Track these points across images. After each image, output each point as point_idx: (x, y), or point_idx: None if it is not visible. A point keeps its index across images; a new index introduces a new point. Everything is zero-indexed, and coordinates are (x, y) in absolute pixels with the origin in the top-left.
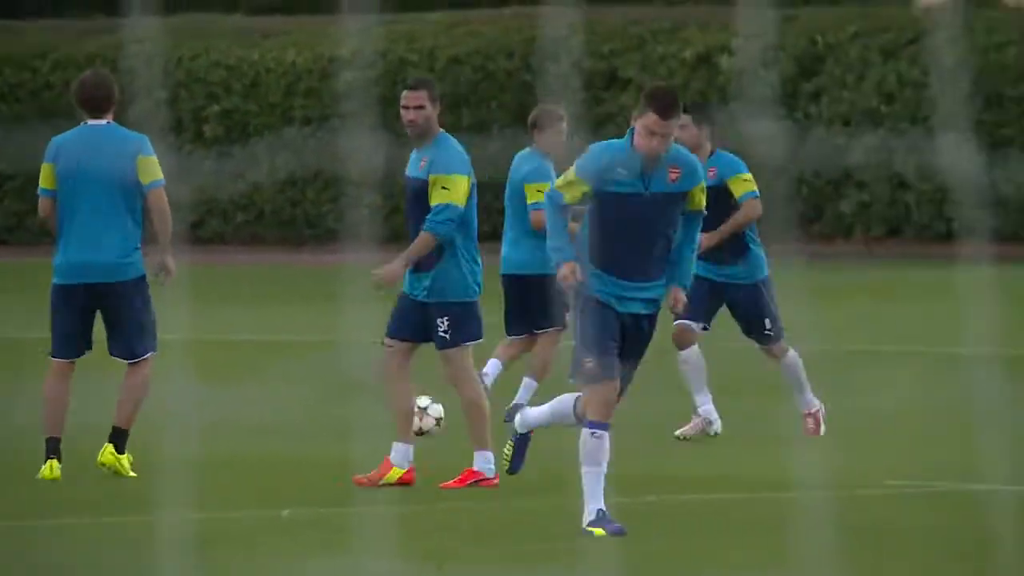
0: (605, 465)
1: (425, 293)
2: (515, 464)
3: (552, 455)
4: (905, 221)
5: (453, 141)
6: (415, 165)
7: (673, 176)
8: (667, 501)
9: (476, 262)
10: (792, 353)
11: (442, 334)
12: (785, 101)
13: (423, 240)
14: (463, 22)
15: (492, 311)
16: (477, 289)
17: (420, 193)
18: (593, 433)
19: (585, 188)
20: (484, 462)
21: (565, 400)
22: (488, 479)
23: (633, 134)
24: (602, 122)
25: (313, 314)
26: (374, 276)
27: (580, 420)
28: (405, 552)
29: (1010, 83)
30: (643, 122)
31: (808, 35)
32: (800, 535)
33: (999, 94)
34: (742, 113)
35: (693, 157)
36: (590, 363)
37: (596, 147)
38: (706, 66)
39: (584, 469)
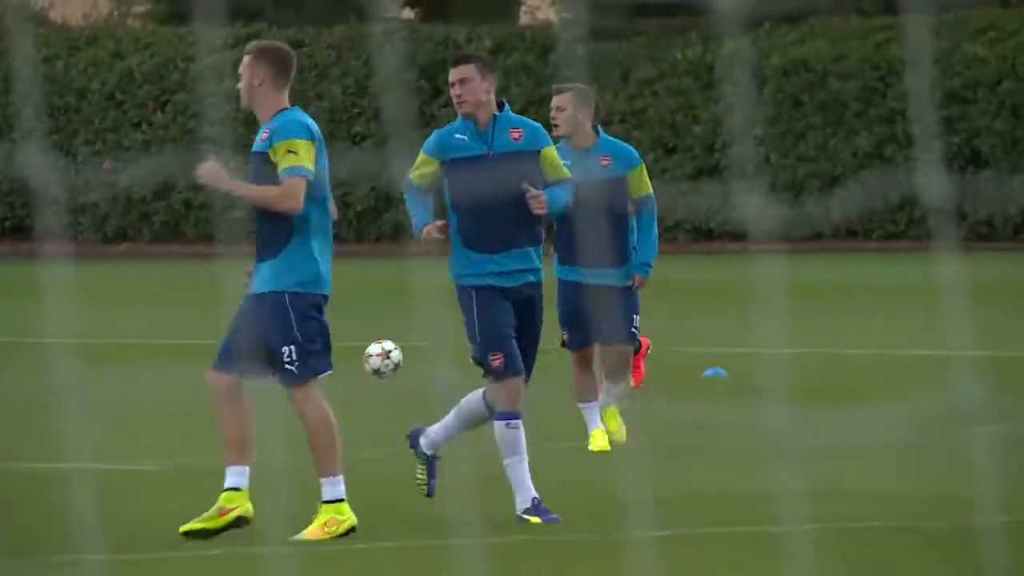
0: (526, 454)
1: None
2: (432, 487)
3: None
4: None
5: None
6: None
7: (516, 136)
8: None
9: None
10: None
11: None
12: None
13: None
14: None
15: None
16: None
17: None
18: (508, 424)
19: (432, 164)
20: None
21: (472, 399)
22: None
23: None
24: None
25: None
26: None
27: (492, 412)
28: None
29: (57, 95)
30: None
31: None
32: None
33: (54, 107)
34: None
35: (530, 121)
36: (497, 360)
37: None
38: None
39: (507, 461)
